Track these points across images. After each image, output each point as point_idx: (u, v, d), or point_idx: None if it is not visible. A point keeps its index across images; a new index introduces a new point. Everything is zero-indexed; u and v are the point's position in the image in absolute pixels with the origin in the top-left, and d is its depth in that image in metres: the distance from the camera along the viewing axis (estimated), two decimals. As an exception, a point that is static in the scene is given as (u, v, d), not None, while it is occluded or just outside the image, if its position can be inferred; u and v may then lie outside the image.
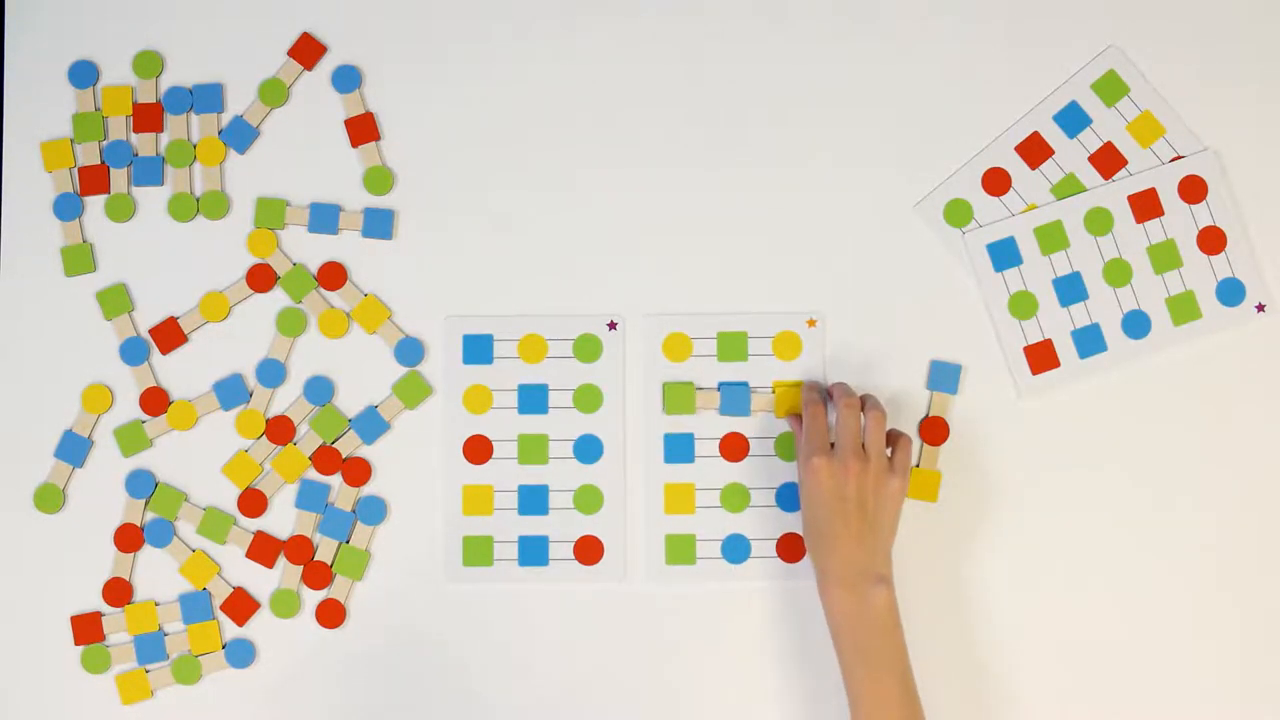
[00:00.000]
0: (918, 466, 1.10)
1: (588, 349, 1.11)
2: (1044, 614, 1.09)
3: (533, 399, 1.11)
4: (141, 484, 1.10)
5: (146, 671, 1.09)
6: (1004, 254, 1.12)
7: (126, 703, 1.09)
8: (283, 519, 1.10)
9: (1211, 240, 1.11)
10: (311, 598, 1.10)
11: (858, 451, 1.01)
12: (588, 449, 1.10)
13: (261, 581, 1.10)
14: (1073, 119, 1.13)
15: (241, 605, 1.09)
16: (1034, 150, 1.13)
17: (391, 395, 1.11)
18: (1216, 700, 1.09)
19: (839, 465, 1.01)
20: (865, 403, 1.06)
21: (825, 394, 1.08)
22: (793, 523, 1.10)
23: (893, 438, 1.06)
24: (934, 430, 1.10)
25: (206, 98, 1.13)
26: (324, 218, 1.12)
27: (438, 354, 1.11)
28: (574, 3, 1.14)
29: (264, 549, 1.10)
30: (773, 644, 1.09)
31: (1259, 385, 1.11)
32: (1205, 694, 1.09)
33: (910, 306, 1.11)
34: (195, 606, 1.09)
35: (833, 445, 1.03)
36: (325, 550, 1.09)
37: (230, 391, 1.11)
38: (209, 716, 1.09)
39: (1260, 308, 1.11)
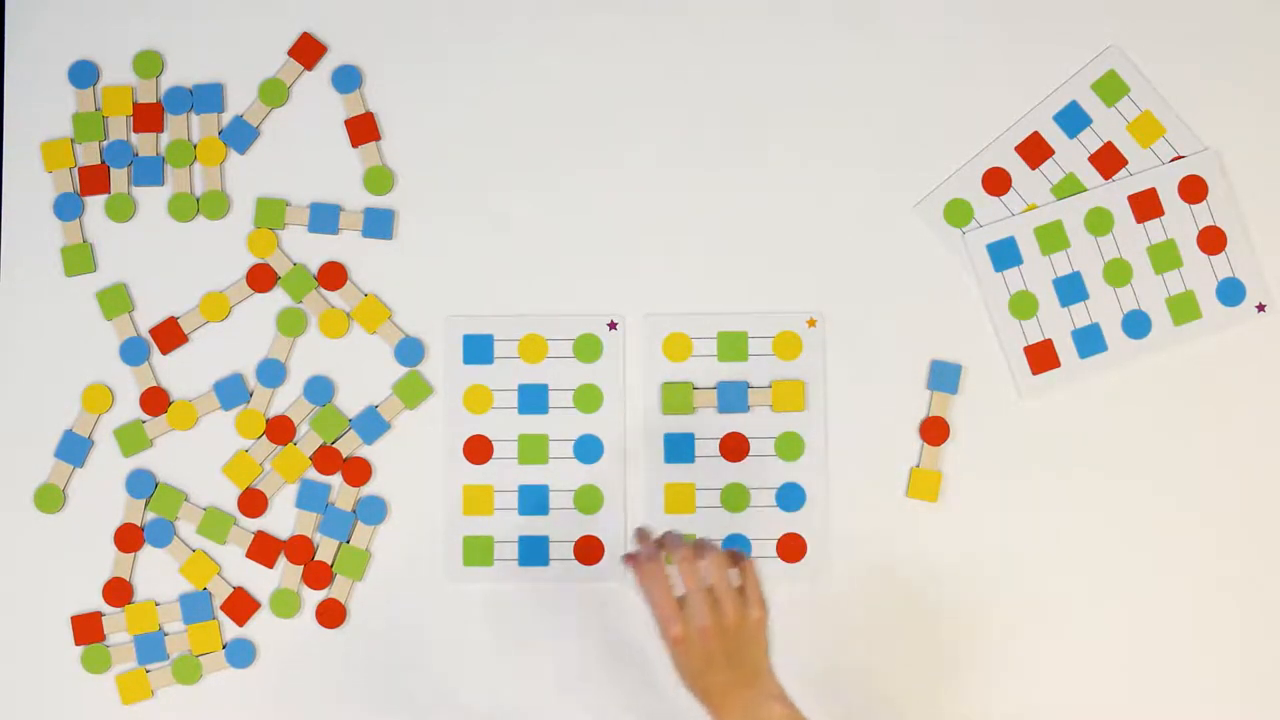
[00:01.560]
0: (918, 467, 1.10)
1: (588, 349, 1.11)
2: (1044, 614, 1.09)
3: (533, 399, 1.11)
4: (142, 484, 1.10)
5: (147, 671, 1.09)
6: (1004, 254, 1.12)
7: (127, 703, 1.09)
8: (283, 519, 1.10)
9: (1211, 240, 1.11)
10: (312, 597, 1.10)
11: (710, 608, 0.94)
12: (588, 449, 1.10)
13: (261, 581, 1.10)
14: (1073, 119, 1.13)
15: (241, 605, 1.09)
16: (1034, 150, 1.13)
17: (392, 395, 1.11)
18: (1217, 699, 1.09)
19: (696, 633, 0.93)
20: (698, 549, 0.96)
21: (655, 548, 0.98)
22: (793, 523, 1.10)
23: (736, 561, 0.97)
24: (934, 430, 1.10)
25: (206, 98, 1.13)
26: (324, 218, 1.12)
27: (438, 354, 1.11)
28: (574, 3, 1.14)
29: (264, 549, 1.10)
30: (772, 643, 1.09)
31: (1259, 385, 1.11)
32: (1206, 692, 1.09)
33: (910, 306, 1.11)
34: (195, 606, 1.09)
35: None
36: (325, 550, 1.09)
37: (230, 391, 1.11)
38: (209, 716, 1.09)
39: (1260, 308, 1.11)
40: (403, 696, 1.08)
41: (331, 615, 1.09)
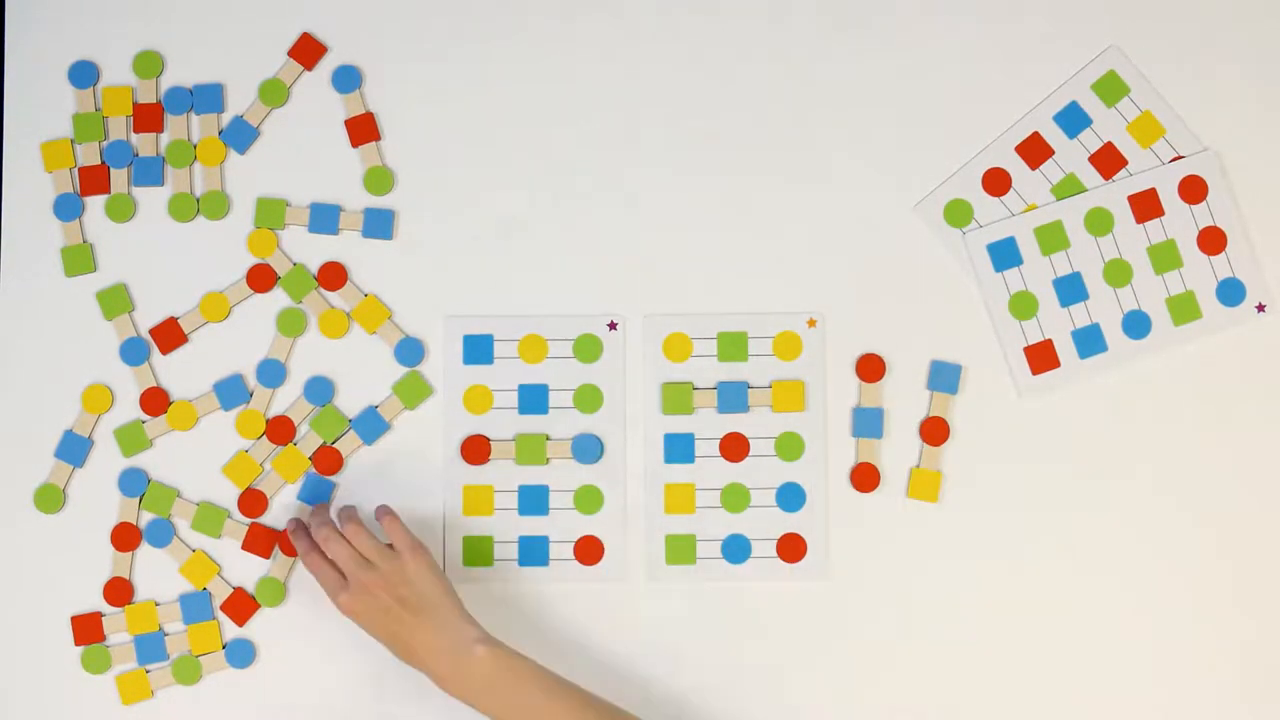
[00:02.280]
0: (918, 467, 1.10)
1: (588, 349, 1.11)
2: (1044, 613, 1.09)
3: (533, 399, 1.11)
4: (134, 483, 1.10)
5: (147, 671, 1.09)
6: (1004, 254, 1.12)
7: (127, 703, 1.09)
8: (281, 517, 1.10)
9: (1211, 240, 1.11)
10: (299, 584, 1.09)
11: (363, 565, 1.02)
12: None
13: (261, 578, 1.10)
14: (1073, 119, 1.13)
15: (241, 605, 1.09)
16: (1034, 150, 1.13)
17: (392, 395, 1.11)
18: (1218, 698, 1.09)
19: (358, 590, 1.01)
20: (340, 518, 1.06)
21: (302, 527, 1.07)
22: (793, 523, 1.10)
23: (380, 518, 1.06)
24: (934, 430, 1.10)
25: (206, 98, 1.13)
26: (324, 218, 1.12)
27: (438, 354, 1.11)
28: (574, 3, 1.14)
29: (259, 540, 1.09)
30: (773, 644, 1.09)
31: (1259, 385, 1.11)
32: (1206, 692, 1.09)
33: (910, 306, 1.11)
34: (195, 607, 1.09)
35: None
36: None
37: (230, 391, 1.11)
38: (209, 716, 1.09)
39: (1260, 308, 1.11)
40: (403, 696, 1.08)
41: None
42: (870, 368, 1.10)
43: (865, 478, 1.10)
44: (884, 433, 1.10)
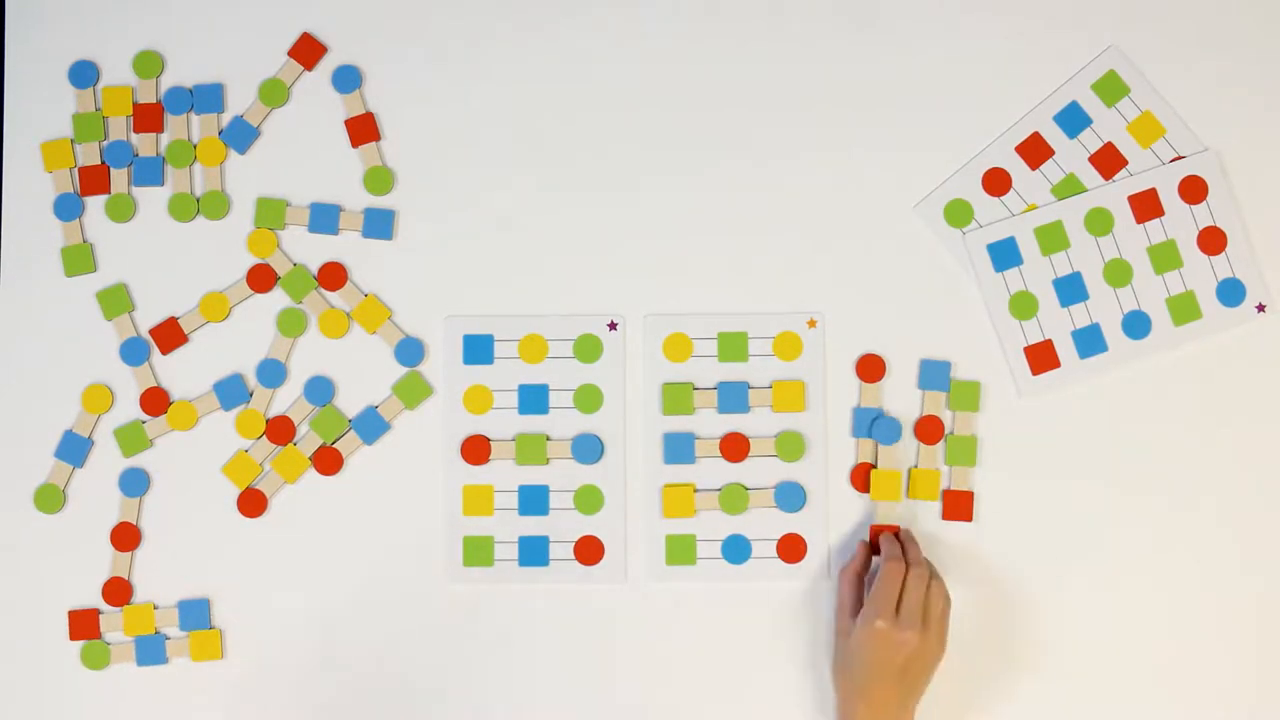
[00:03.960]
0: (916, 467, 1.10)
1: (588, 349, 1.11)
2: (1044, 613, 1.09)
3: (533, 399, 1.11)
4: (134, 483, 1.10)
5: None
6: (1004, 254, 1.12)
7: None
8: (283, 516, 1.11)
9: (1211, 240, 1.11)
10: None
11: (919, 624, 1.00)
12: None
13: (265, 581, 1.10)
14: (1073, 119, 1.13)
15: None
16: (1034, 150, 1.13)
17: (391, 395, 1.11)
18: (1218, 697, 1.09)
19: (899, 635, 0.99)
20: (932, 571, 1.05)
21: (898, 546, 1.06)
22: (793, 523, 1.10)
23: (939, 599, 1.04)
24: (928, 429, 1.10)
25: (206, 98, 1.13)
26: (324, 218, 1.12)
27: (438, 354, 1.11)
28: (574, 3, 1.14)
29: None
30: (773, 644, 1.09)
31: (1259, 385, 1.11)
32: (1207, 691, 1.09)
33: (910, 306, 1.11)
34: (193, 614, 1.09)
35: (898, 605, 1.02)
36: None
37: (230, 391, 1.11)
38: (205, 709, 1.09)
39: (1260, 308, 1.11)
40: (402, 696, 1.08)
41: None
42: (870, 368, 1.10)
43: (865, 478, 1.10)
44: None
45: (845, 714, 1.01)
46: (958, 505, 1.09)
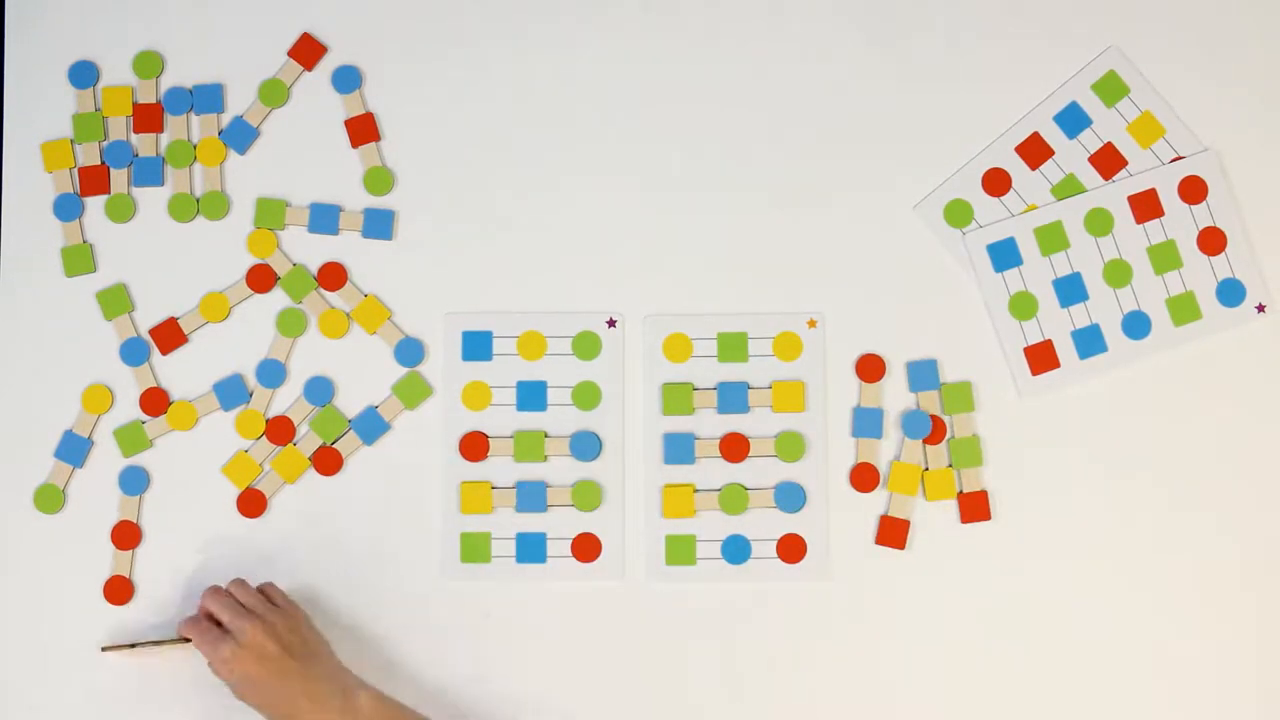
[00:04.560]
0: (927, 469, 1.10)
1: (587, 346, 1.11)
2: (1044, 612, 1.09)
3: (531, 396, 1.11)
4: (134, 482, 1.10)
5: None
6: (1004, 254, 1.12)
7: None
8: (282, 516, 1.10)
9: (1211, 240, 1.11)
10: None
11: (244, 614, 1.01)
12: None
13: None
14: (1073, 119, 1.13)
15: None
16: (1034, 151, 1.13)
17: (391, 395, 1.11)
18: (1218, 697, 1.08)
19: (241, 639, 1.00)
20: (224, 588, 1.05)
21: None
22: (793, 523, 1.10)
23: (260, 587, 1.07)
24: (932, 429, 1.10)
25: (206, 98, 1.13)
26: (324, 218, 1.12)
27: (437, 351, 1.11)
28: (574, 3, 1.14)
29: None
30: (772, 644, 1.09)
31: (1259, 385, 1.11)
32: (1207, 691, 1.08)
33: (910, 306, 1.11)
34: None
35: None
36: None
37: (230, 391, 1.11)
38: (203, 713, 1.09)
39: (1260, 308, 1.11)
40: (400, 693, 1.08)
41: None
42: (870, 368, 1.10)
43: (865, 478, 1.10)
44: (883, 433, 1.10)
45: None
46: (974, 506, 1.09)
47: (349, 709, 0.99)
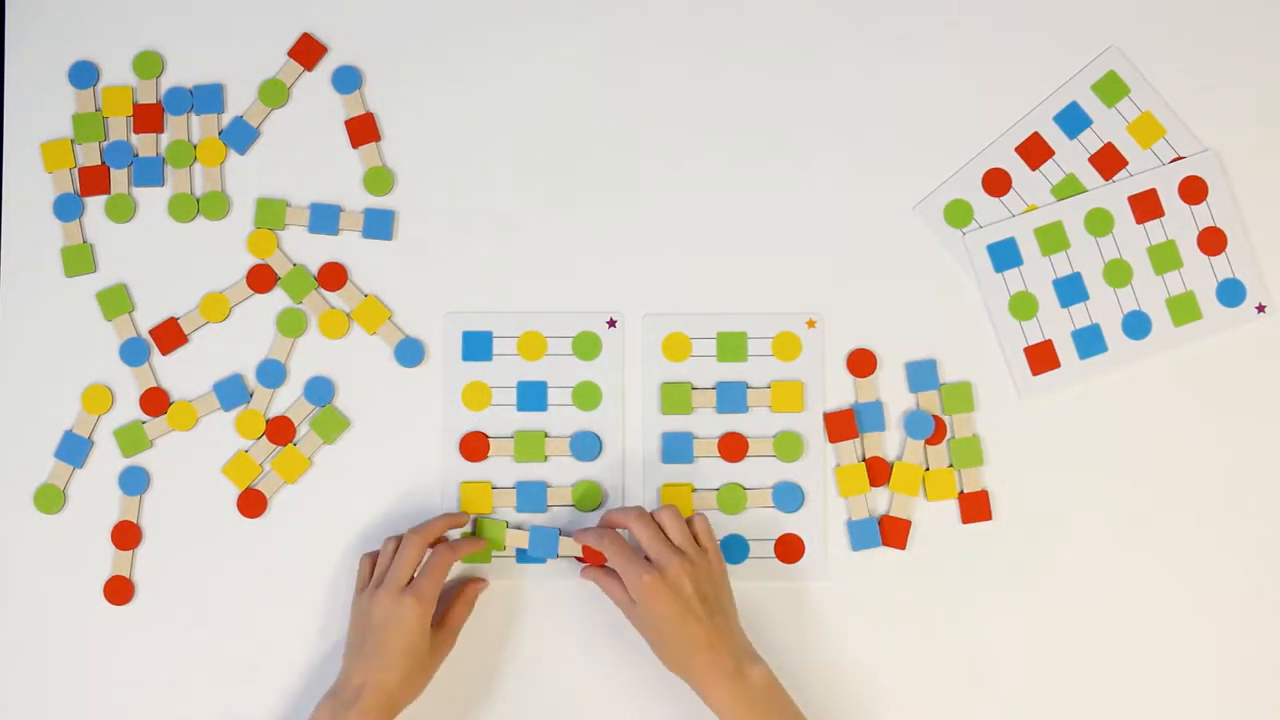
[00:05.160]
0: (928, 470, 1.10)
1: (587, 346, 1.11)
2: (1044, 612, 1.09)
3: (532, 396, 1.11)
4: (134, 482, 1.10)
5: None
6: (1004, 255, 1.12)
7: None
8: (282, 515, 1.11)
9: (1211, 241, 1.11)
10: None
11: (674, 550, 1.00)
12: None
13: (266, 590, 1.10)
14: (1073, 120, 1.13)
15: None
16: (1034, 151, 1.13)
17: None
18: (1219, 698, 1.09)
19: (666, 573, 0.99)
20: (651, 511, 1.04)
21: (608, 526, 1.05)
22: (792, 523, 1.10)
23: (692, 520, 1.05)
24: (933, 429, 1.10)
25: (206, 98, 1.13)
26: (324, 218, 1.12)
27: (437, 351, 1.11)
28: (574, 4, 1.14)
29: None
30: (772, 644, 1.09)
31: (1259, 385, 1.11)
32: (1207, 692, 1.08)
33: (910, 306, 1.11)
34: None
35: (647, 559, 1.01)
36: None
37: (230, 391, 1.11)
38: (200, 709, 1.09)
39: (1260, 308, 1.11)
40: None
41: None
42: (861, 363, 1.10)
43: (876, 472, 1.10)
44: (885, 425, 1.10)
45: (692, 677, 0.99)
46: (975, 506, 1.09)
47: (740, 675, 0.98)
